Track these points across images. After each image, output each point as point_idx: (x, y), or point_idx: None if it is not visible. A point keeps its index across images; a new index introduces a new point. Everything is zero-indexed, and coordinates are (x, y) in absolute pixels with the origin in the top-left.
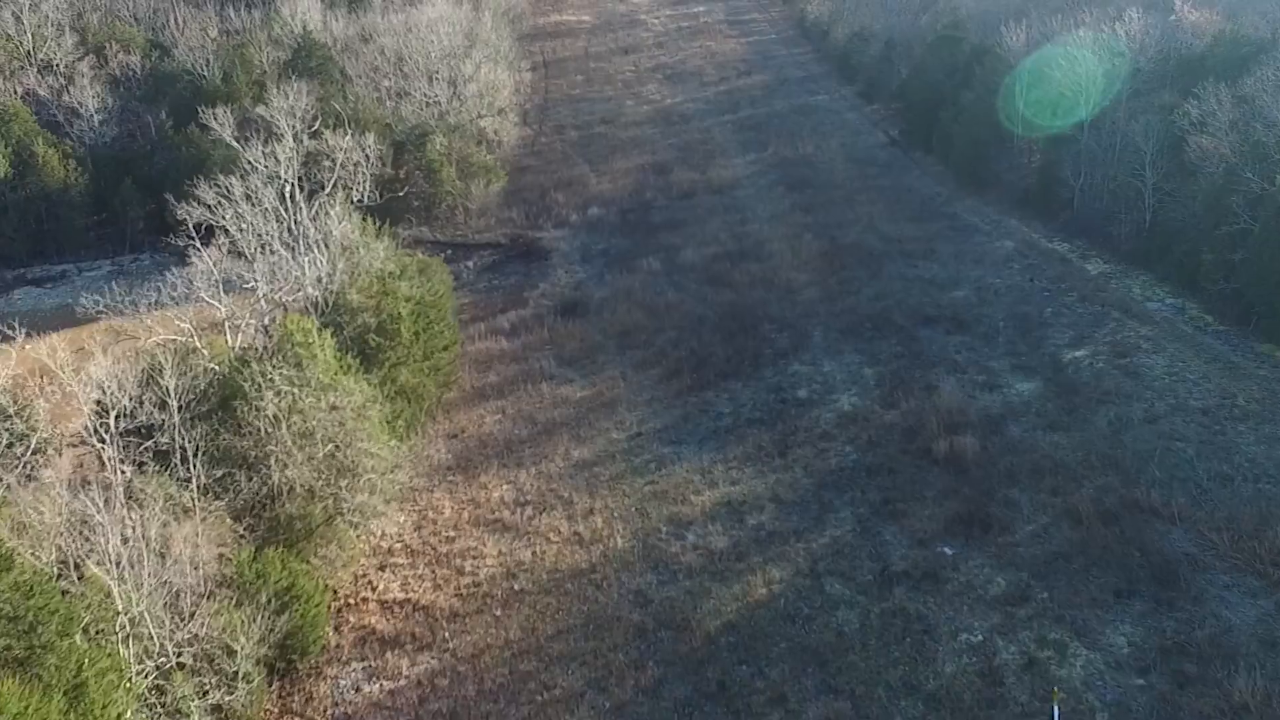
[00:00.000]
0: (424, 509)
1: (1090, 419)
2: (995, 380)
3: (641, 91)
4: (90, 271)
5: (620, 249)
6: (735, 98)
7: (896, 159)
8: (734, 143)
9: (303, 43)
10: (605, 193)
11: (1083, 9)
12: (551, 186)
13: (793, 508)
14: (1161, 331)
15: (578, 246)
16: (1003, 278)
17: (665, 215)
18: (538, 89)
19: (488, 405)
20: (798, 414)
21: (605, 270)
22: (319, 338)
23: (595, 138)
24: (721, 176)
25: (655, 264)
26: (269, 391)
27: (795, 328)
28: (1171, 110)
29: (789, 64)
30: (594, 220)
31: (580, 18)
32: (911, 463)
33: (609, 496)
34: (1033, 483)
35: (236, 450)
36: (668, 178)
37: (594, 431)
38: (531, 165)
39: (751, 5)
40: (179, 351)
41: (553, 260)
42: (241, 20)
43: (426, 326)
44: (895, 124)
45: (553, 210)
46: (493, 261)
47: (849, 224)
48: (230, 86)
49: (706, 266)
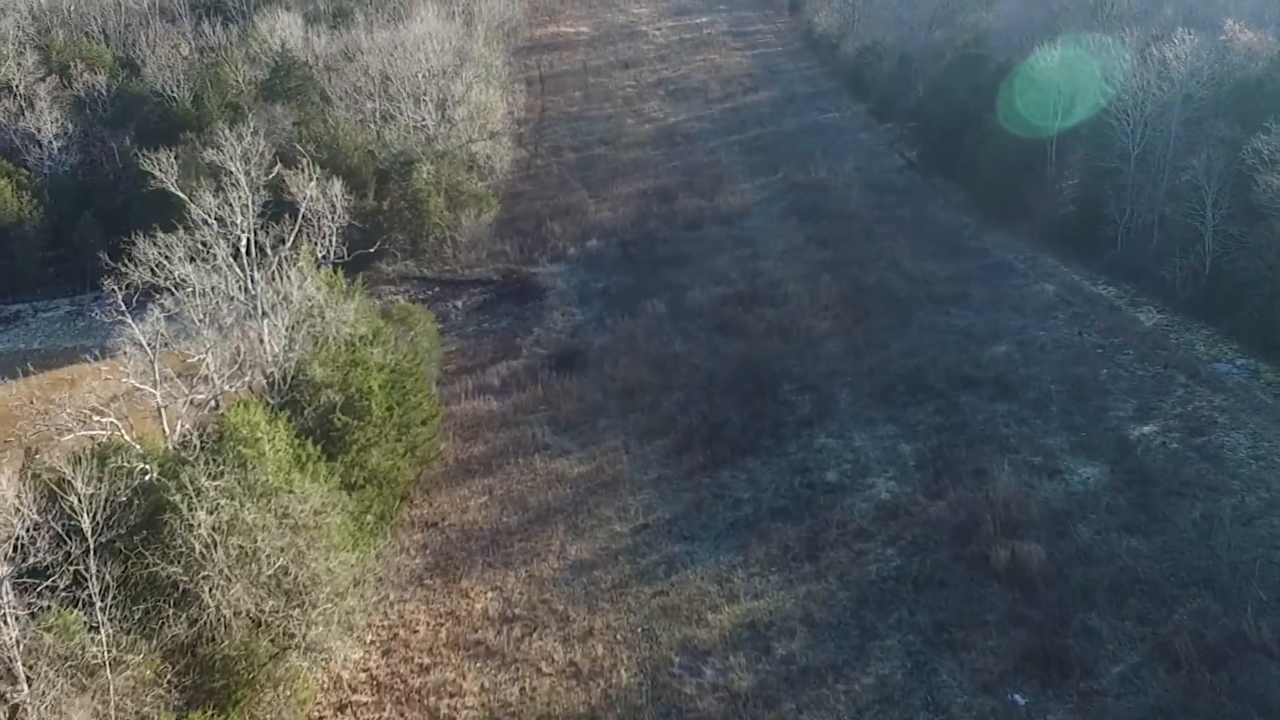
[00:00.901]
0: (394, 625)
1: (1171, 518)
2: (1054, 463)
3: (643, 109)
4: (47, 312)
5: (621, 288)
6: (741, 115)
7: (916, 185)
8: (741, 166)
9: (281, 61)
10: (605, 222)
11: (1123, 27)
12: (547, 215)
13: (828, 632)
14: (1237, 401)
15: (575, 284)
16: (1048, 330)
17: (670, 248)
18: (533, 107)
19: (473, 484)
20: (828, 503)
21: (605, 313)
22: (269, 430)
23: (594, 160)
24: (729, 204)
25: (660, 306)
26: (201, 510)
27: (819, 389)
28: (1239, 146)
29: (797, 79)
30: (593, 254)
31: (578, 29)
32: (966, 573)
33: (611, 612)
34: (1114, 605)
35: (164, 579)
36: (672, 205)
37: (593, 521)
38: (526, 191)
39: (756, 16)
40: (98, 453)
41: (548, 300)
42: (218, 36)
43: (402, 399)
44: (912, 145)
45: (548, 242)
46: (483, 301)
47: (870, 261)
48: (201, 110)
49: (716, 310)
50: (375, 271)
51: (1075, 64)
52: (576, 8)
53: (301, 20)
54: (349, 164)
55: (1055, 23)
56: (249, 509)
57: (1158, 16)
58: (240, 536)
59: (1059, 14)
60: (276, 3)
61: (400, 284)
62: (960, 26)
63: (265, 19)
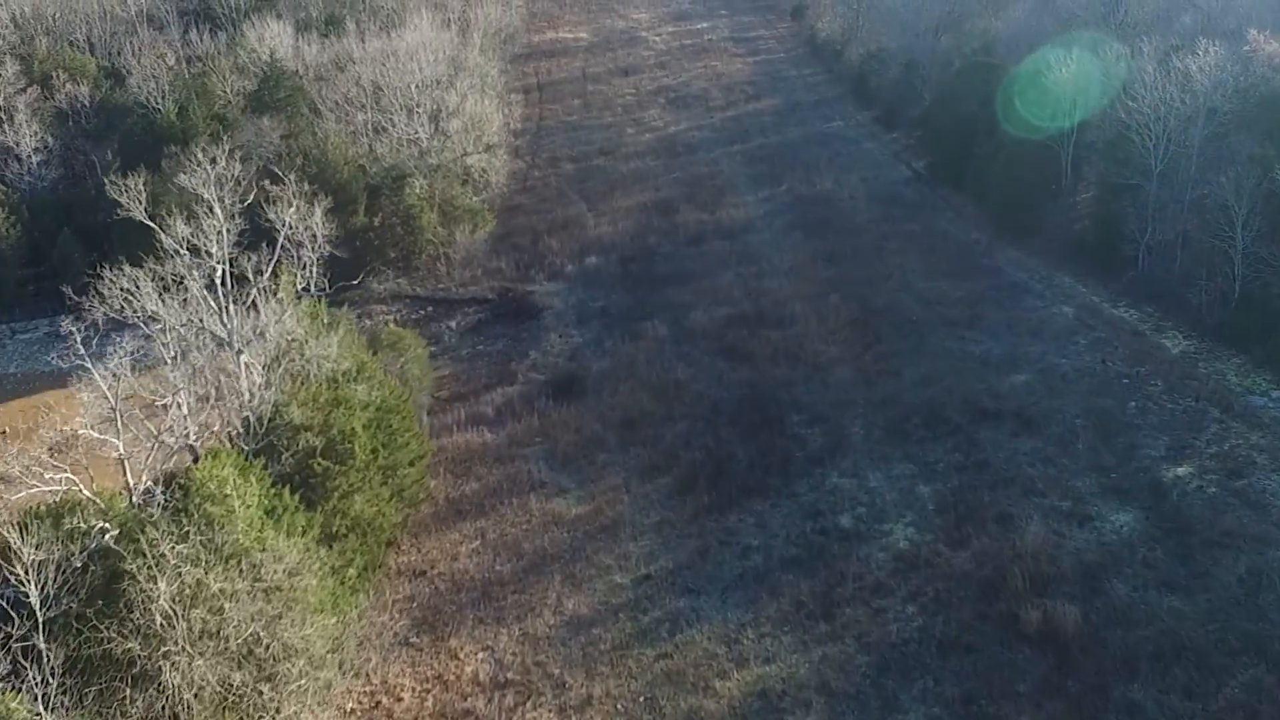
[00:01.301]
0: (376, 693)
1: (1214, 573)
2: (1084, 508)
3: (643, 118)
4: (25, 334)
5: (621, 307)
6: (744, 124)
7: (924, 197)
8: (744, 177)
9: (270, 72)
10: (604, 237)
11: (1140, 36)
12: (545, 230)
13: (846, 703)
14: (1276, 439)
15: (573, 303)
16: (1069, 357)
17: (671, 265)
18: (531, 116)
19: (464, 527)
20: (842, 552)
21: (604, 334)
22: (240, 485)
23: (593, 171)
24: (732, 217)
25: (661, 328)
26: (163, 580)
27: (829, 421)
28: (1270, 165)
29: (800, 86)
30: (591, 271)
31: (578, 35)
32: (994, 635)
33: (610, 677)
34: (1157, 675)
35: (120, 655)
36: (673, 218)
37: (592, 570)
38: (523, 204)
39: (758, 21)
40: (52, 511)
41: (545, 320)
42: (205, 45)
43: (389, 439)
44: (919, 155)
45: (546, 259)
46: (478, 321)
47: (879, 280)
48: (186, 122)
49: (720, 333)
50: (366, 290)
51: (1085, 66)
52: (576, 13)
53: (292, 29)
54: (338, 179)
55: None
56: (216, 575)
57: (1175, 25)
58: (205, 607)
59: (1069, 20)
60: (267, 10)
61: (392, 303)
62: (968, 33)
63: (255, 27)
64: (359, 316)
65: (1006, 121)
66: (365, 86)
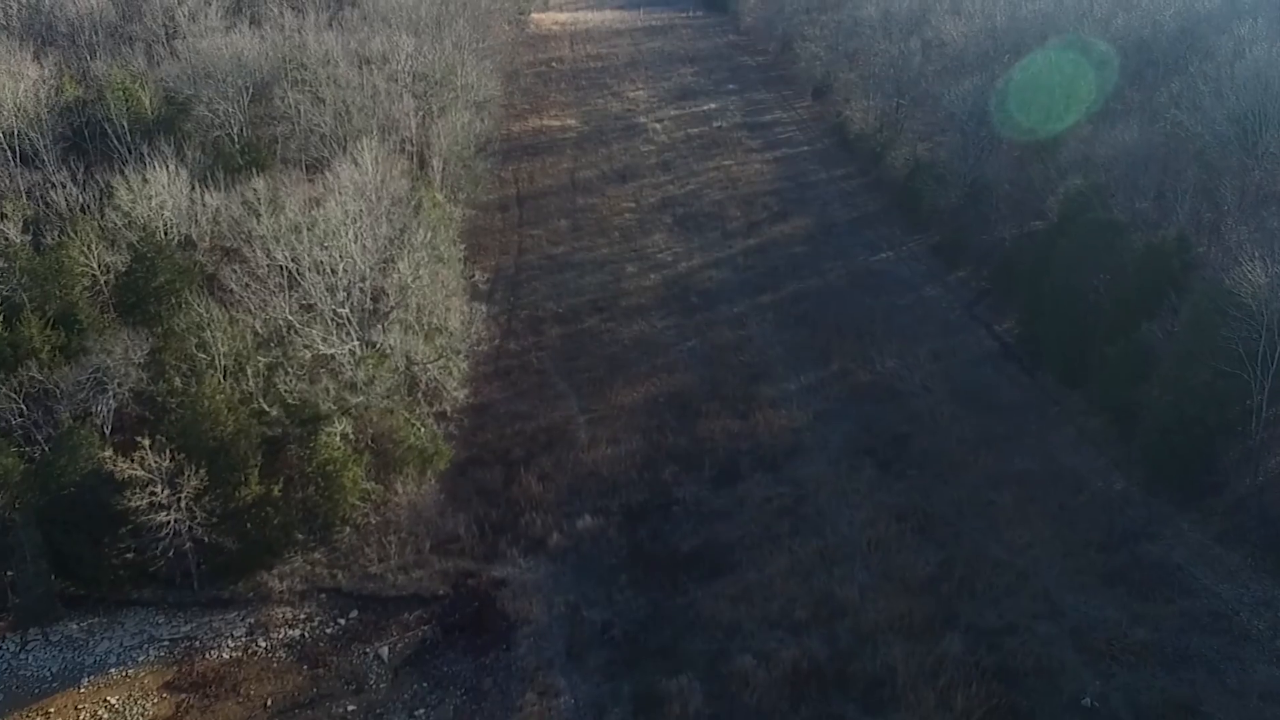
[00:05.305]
0: None
1: None
2: None
3: (645, 246)
4: None
5: (631, 624)
6: (771, 258)
7: (1027, 395)
8: (781, 350)
9: (143, 250)
10: (601, 465)
11: None
12: (521, 456)
13: None
14: None
15: (560, 614)
16: None
17: (696, 529)
18: (509, 246)
19: None
20: None
21: (609, 696)
22: None
23: (586, 340)
24: (773, 426)
25: (693, 685)
26: None
27: None
28: None
29: (832, 195)
30: (584, 538)
31: (565, 122)
32: None
33: None
34: None
35: None
36: (693, 428)
37: None
38: (493, 403)
39: (772, 100)
40: None
41: (519, 651)
42: (77, 193)
43: None
44: (997, 308)
45: (521, 516)
46: (422, 642)
47: (1002, 587)
48: (18, 337)
49: (789, 704)
50: (260, 588)
51: None
52: (564, 91)
53: (187, 174)
54: (220, 435)
55: (1180, 162)
56: None
57: None
58: None
59: (1201, 150)
60: (166, 139)
61: (300, 605)
62: (1060, 160)
63: (136, 173)
64: (248, 632)
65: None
66: (281, 264)
